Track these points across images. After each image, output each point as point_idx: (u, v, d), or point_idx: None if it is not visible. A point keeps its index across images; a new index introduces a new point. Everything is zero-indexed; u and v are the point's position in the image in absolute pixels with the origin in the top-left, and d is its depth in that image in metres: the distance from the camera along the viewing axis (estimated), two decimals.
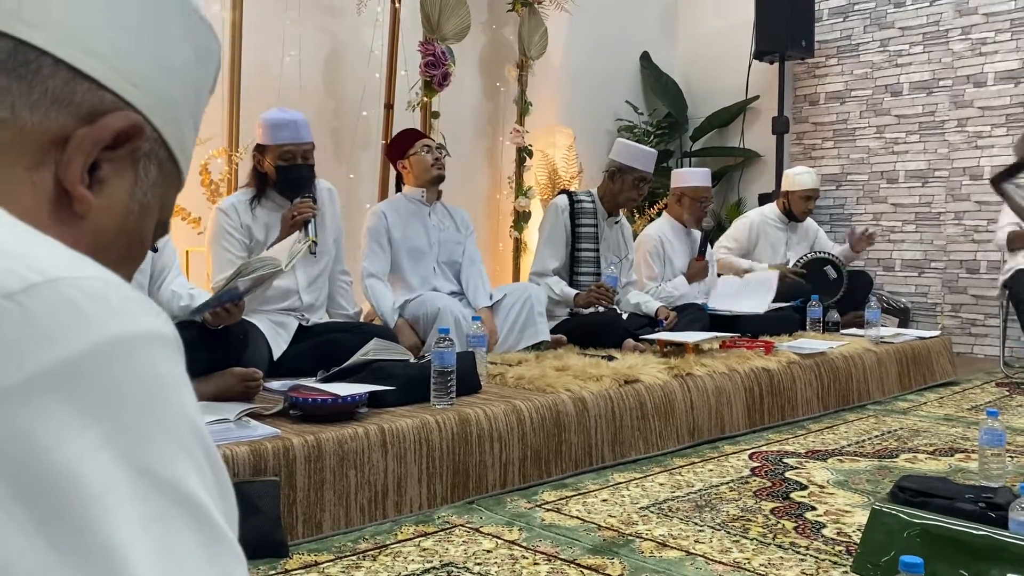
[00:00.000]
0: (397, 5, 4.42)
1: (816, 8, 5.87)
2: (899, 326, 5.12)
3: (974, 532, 1.51)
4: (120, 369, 0.37)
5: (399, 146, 3.61)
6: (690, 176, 4.53)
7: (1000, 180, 3.66)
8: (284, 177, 2.92)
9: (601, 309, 3.75)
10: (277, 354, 2.88)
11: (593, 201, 3.99)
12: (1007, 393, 4.05)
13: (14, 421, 0.34)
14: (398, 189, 3.69)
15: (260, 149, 2.97)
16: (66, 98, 0.48)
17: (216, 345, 2.52)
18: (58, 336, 0.36)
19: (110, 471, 0.35)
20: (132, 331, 0.38)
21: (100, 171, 0.50)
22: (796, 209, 4.91)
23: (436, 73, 4.41)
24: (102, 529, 0.34)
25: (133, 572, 0.34)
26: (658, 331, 3.68)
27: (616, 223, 4.10)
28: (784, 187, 5.00)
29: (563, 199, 3.98)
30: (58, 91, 0.48)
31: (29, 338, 0.36)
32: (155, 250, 2.23)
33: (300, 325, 3.02)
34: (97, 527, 0.34)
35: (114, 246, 0.52)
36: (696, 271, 4.42)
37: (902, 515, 1.63)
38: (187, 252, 3.54)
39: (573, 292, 3.80)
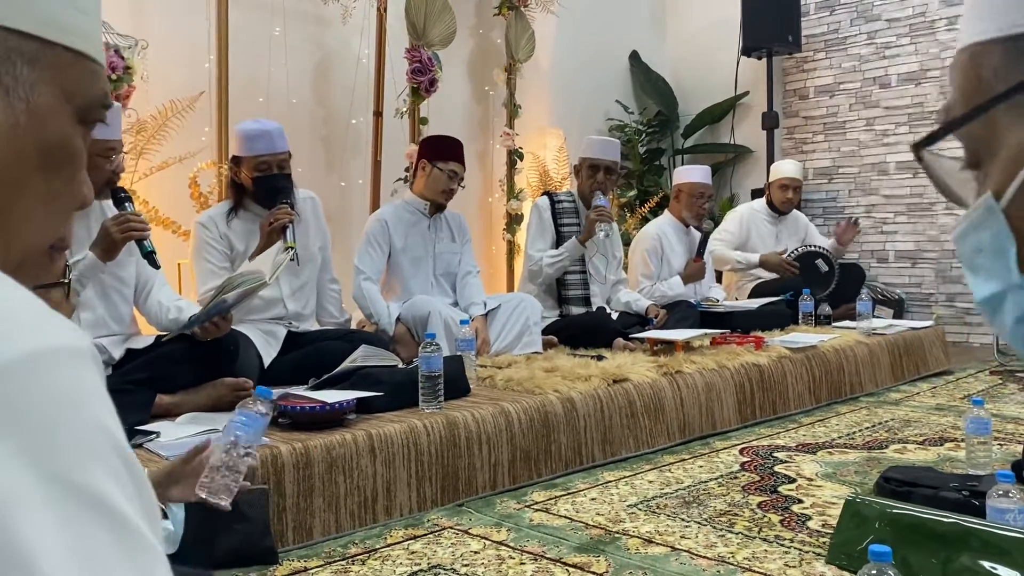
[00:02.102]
0: (383, 13, 4.45)
1: (802, 3, 5.90)
2: (894, 317, 5.14)
3: (944, 520, 1.53)
4: (32, 384, 0.38)
5: (436, 150, 3.54)
6: (688, 173, 4.56)
7: (923, 146, 3.66)
8: (261, 187, 2.94)
9: (602, 235, 3.83)
10: (268, 362, 2.91)
11: (573, 200, 4.03)
12: (1000, 381, 4.07)
13: None
14: (414, 175, 3.66)
15: (236, 161, 2.99)
16: None
17: (208, 356, 2.55)
18: None
19: (20, 479, 0.36)
20: (44, 346, 0.39)
21: None
22: (775, 200, 4.93)
23: (423, 79, 4.44)
24: (14, 534, 0.35)
25: (47, 572, 0.35)
26: (648, 329, 3.70)
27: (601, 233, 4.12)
28: (768, 180, 5.05)
29: (544, 200, 4.03)
30: None
31: None
32: (157, 267, 2.20)
33: (290, 332, 3.05)
34: (8, 533, 0.35)
35: (22, 166, 0.48)
36: (693, 271, 4.44)
37: (874, 505, 1.65)
38: (179, 265, 3.57)
39: (571, 241, 3.84)
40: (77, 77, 0.51)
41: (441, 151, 3.52)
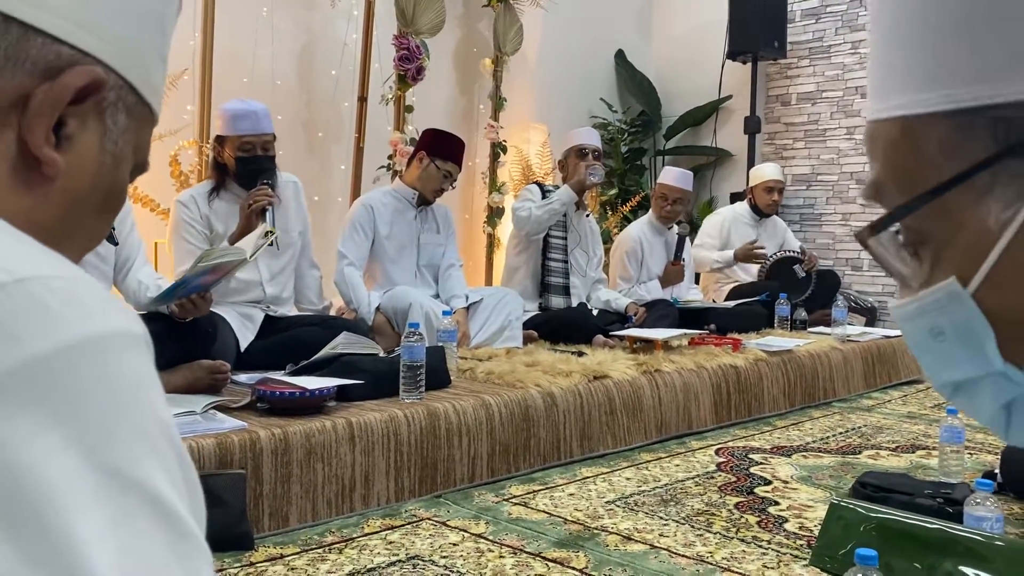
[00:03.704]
0: None
1: (789, 9, 5.93)
2: (866, 325, 5.20)
3: (927, 526, 1.55)
4: (88, 369, 0.37)
5: (437, 146, 3.48)
6: (664, 173, 4.57)
7: (868, 236, 3.69)
8: (244, 168, 2.91)
9: (595, 179, 3.85)
10: (244, 345, 2.87)
11: None
12: None
13: None
14: (409, 162, 3.62)
15: (220, 140, 2.95)
16: (20, 56, 0.46)
17: (184, 337, 2.51)
18: (25, 336, 0.36)
19: (75, 471, 0.35)
20: (101, 331, 0.38)
21: (66, 128, 0.48)
22: (760, 202, 4.96)
23: (410, 67, 4.40)
24: (67, 529, 0.34)
25: (98, 571, 0.34)
26: (628, 327, 3.70)
27: (586, 216, 4.13)
28: (750, 183, 5.07)
29: (535, 187, 4.04)
30: (10, 50, 0.46)
31: None
32: (115, 243, 2.18)
33: (267, 316, 3.01)
34: (62, 527, 0.34)
35: (90, 201, 0.51)
36: (671, 275, 4.46)
37: (859, 510, 1.66)
38: (156, 244, 3.51)
39: (563, 187, 3.86)
40: (147, 135, 0.55)
41: (442, 149, 3.48)
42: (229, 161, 2.93)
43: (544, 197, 3.97)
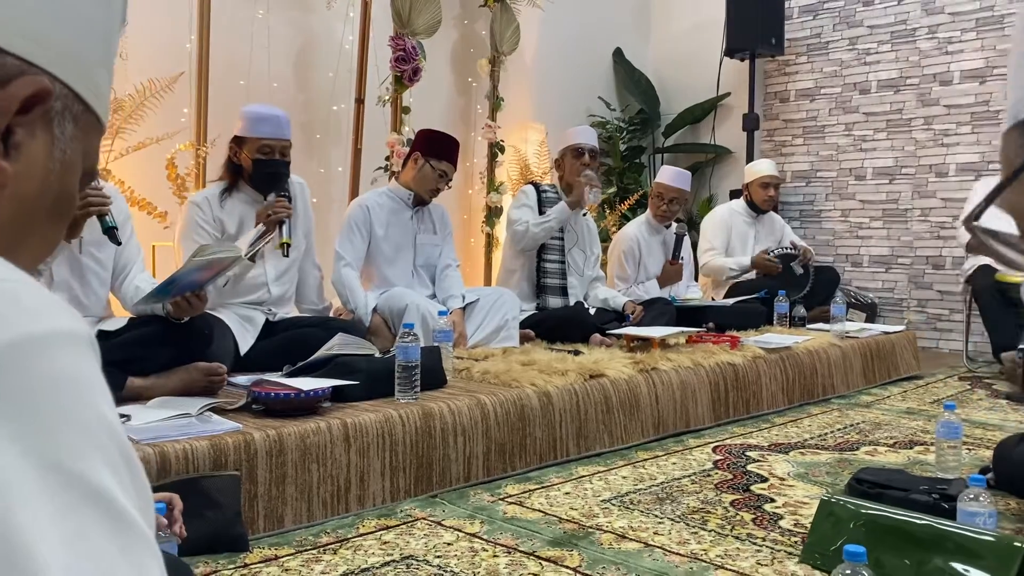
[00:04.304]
0: (368, 0, 4.41)
1: (786, 6, 5.93)
2: (866, 321, 5.19)
3: (917, 522, 1.55)
4: (30, 368, 0.38)
5: (431, 146, 3.48)
6: (661, 173, 4.57)
7: (971, 221, 3.72)
8: (260, 171, 2.92)
9: (594, 200, 3.87)
10: (244, 349, 2.88)
11: (557, 192, 4.04)
12: (969, 387, 4.12)
13: None
14: (404, 163, 3.62)
15: (238, 141, 2.96)
16: None
17: (180, 340, 2.51)
18: None
19: (18, 466, 0.36)
20: (44, 330, 0.39)
21: (14, 136, 0.49)
22: (756, 199, 4.95)
23: (407, 68, 4.41)
24: (10, 522, 0.35)
25: (42, 563, 0.35)
26: (625, 326, 3.70)
27: (583, 215, 4.13)
28: (745, 180, 5.06)
29: (529, 188, 4.05)
30: None
31: None
32: (119, 243, 2.20)
33: (267, 320, 3.02)
34: (6, 521, 0.35)
35: (39, 208, 0.52)
36: (669, 274, 4.46)
37: (849, 506, 1.66)
38: (153, 247, 3.52)
39: (560, 204, 3.85)
40: (95, 142, 0.56)
41: (436, 149, 3.48)
42: (245, 162, 2.94)
43: (540, 198, 3.97)
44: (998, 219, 0.69)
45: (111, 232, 2.36)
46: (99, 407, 0.40)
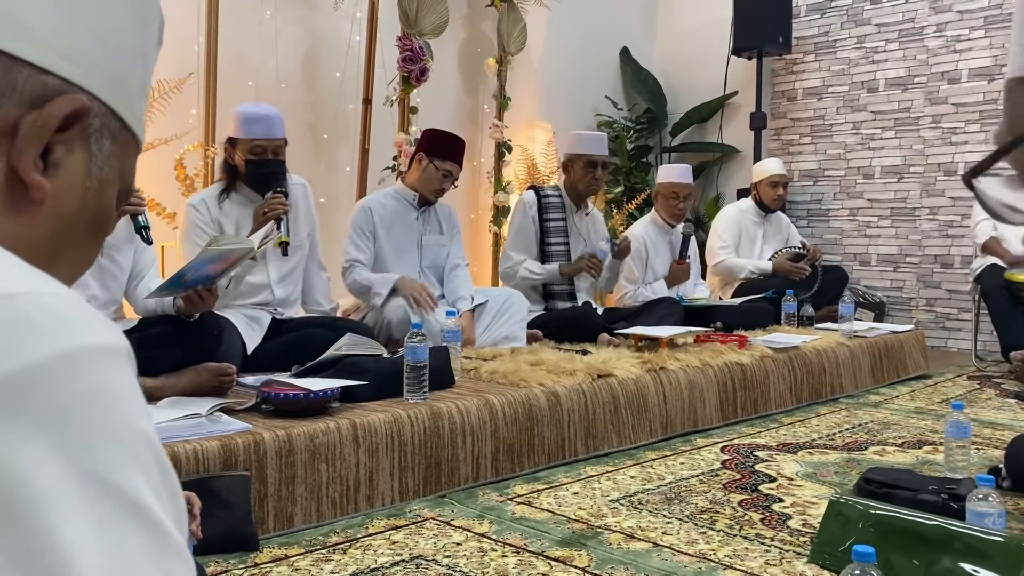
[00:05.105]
0: (375, 0, 4.42)
1: (794, 4, 5.91)
2: (875, 320, 5.18)
3: (926, 522, 1.54)
4: (70, 381, 0.38)
5: (436, 146, 3.46)
6: (665, 172, 4.57)
7: (972, 176, 3.71)
8: (254, 171, 2.92)
9: (602, 257, 3.86)
10: (251, 348, 2.89)
11: (560, 195, 4.02)
12: (978, 386, 4.11)
13: None
14: (409, 164, 3.62)
15: (231, 142, 2.96)
16: (7, 88, 0.48)
17: (190, 340, 2.53)
18: (12, 349, 0.37)
19: (58, 477, 0.37)
20: (83, 344, 0.40)
21: (53, 154, 0.50)
22: (766, 198, 4.95)
23: (414, 68, 4.42)
24: (50, 533, 0.36)
25: (82, 573, 0.36)
26: (614, 249, 3.78)
27: (587, 215, 4.13)
28: (753, 180, 5.06)
29: (530, 195, 4.02)
30: None
31: None
32: (150, 242, 2.23)
33: (274, 319, 3.02)
34: (45, 531, 0.36)
35: (77, 224, 0.53)
36: (676, 274, 4.45)
37: (858, 506, 1.66)
38: (162, 248, 3.53)
39: (555, 266, 3.83)
40: (132, 159, 0.57)
41: (441, 149, 3.47)
42: (240, 163, 2.95)
43: (541, 203, 3.95)
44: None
45: (143, 231, 2.38)
46: (136, 419, 0.41)
